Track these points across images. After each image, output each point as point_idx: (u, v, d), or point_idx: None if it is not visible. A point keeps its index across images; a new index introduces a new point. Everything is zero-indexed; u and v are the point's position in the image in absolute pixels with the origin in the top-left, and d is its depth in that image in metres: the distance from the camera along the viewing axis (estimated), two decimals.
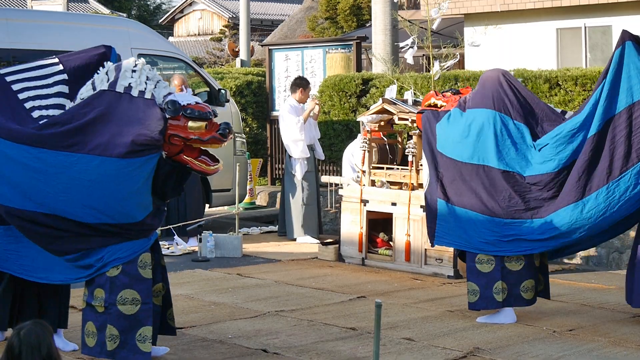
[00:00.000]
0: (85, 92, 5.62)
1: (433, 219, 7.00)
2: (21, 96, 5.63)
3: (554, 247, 6.83)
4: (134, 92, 5.52)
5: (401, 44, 10.84)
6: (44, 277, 5.66)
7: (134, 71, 5.58)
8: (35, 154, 5.39)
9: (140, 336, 5.40)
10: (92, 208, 5.39)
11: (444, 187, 6.92)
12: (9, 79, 5.70)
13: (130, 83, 5.53)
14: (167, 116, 5.46)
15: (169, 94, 5.60)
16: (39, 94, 5.67)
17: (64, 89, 5.73)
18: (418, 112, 7.44)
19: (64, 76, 5.76)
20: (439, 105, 7.22)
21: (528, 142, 6.77)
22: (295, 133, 10.65)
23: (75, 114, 5.51)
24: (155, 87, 5.57)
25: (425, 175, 7.22)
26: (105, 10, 35.31)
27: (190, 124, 5.49)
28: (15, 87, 5.66)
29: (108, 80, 5.59)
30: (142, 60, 5.70)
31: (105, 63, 5.74)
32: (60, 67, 5.80)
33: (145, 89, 5.54)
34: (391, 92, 9.25)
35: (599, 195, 6.55)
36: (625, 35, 6.74)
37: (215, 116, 5.65)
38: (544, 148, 6.74)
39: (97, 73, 5.67)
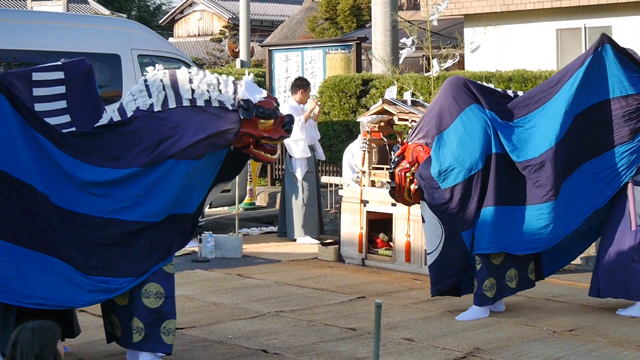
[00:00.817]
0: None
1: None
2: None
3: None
4: (200, 102, 5.59)
5: (402, 41, 10.85)
6: (64, 301, 5.44)
7: (191, 82, 5.67)
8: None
9: (165, 329, 5.52)
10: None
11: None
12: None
13: (193, 95, 5.61)
14: (242, 117, 5.57)
15: (235, 88, 5.72)
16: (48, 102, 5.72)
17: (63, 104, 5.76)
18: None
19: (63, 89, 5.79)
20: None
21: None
22: (296, 133, 10.64)
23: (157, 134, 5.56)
24: (219, 92, 5.67)
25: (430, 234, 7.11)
26: (105, 11, 35.31)
27: (261, 121, 5.62)
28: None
29: (164, 97, 5.61)
30: (194, 69, 5.80)
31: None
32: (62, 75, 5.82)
33: (210, 97, 5.63)
34: (391, 93, 9.26)
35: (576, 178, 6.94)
36: (605, 39, 7.07)
37: (278, 106, 5.79)
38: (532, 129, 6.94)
39: (132, 95, 5.70)
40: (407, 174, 7.06)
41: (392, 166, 7.14)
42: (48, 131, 5.38)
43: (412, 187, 7.09)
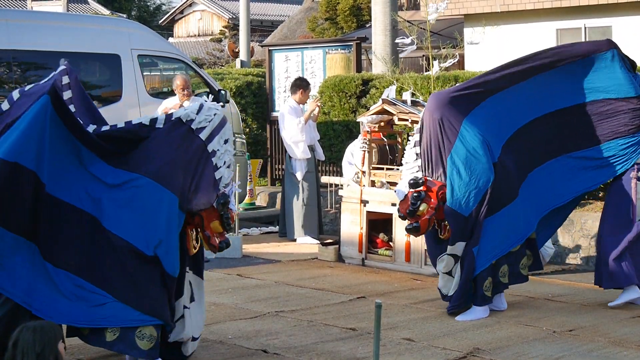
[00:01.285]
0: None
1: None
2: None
3: None
4: (216, 161, 5.70)
5: (399, 41, 10.85)
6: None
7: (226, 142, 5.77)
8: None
9: (140, 333, 5.43)
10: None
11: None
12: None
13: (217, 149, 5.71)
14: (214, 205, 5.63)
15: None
16: None
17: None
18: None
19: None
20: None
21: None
22: (297, 134, 10.65)
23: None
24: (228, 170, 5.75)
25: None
26: (105, 11, 35.31)
27: (215, 223, 5.65)
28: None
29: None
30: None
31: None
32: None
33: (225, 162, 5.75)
34: (389, 93, 9.25)
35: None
36: (612, 44, 7.45)
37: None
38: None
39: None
40: (434, 219, 7.02)
41: (413, 207, 6.92)
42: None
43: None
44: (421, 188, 6.93)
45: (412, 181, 6.94)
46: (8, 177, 5.12)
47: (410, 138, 7.55)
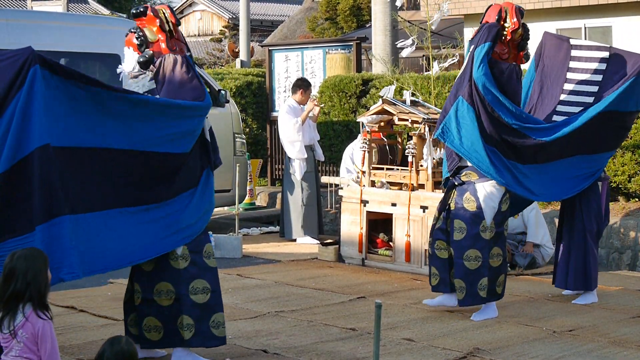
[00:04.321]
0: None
1: None
2: None
3: None
4: None
5: (399, 44, 10.85)
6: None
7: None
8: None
9: (214, 322, 5.63)
10: None
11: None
12: None
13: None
14: None
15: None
16: None
17: None
18: None
19: None
20: None
21: None
22: (292, 134, 10.65)
23: None
24: None
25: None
26: (105, 11, 35.31)
27: None
28: None
29: None
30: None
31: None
32: None
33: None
34: (388, 92, 9.25)
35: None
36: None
37: None
38: None
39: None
40: None
41: None
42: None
43: None
44: None
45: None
46: (40, 165, 4.98)
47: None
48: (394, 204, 8.96)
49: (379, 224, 9.36)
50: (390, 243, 9.13)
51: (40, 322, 4.17)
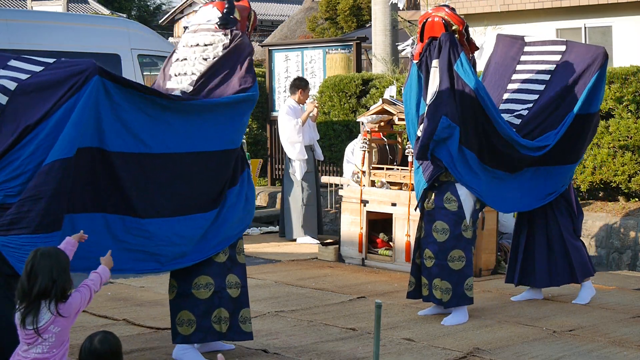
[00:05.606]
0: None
1: None
2: None
3: None
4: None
5: (400, 47, 10.84)
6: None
7: None
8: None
9: (242, 317, 5.72)
10: None
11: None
12: None
13: None
14: None
15: None
16: None
17: None
18: None
19: None
20: None
21: None
22: (293, 135, 10.65)
23: None
24: None
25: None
26: (105, 11, 35.31)
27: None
28: None
29: None
30: None
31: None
32: None
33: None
34: (390, 92, 9.25)
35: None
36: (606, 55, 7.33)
37: None
38: None
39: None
40: None
41: None
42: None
43: None
44: None
45: None
46: (84, 166, 5.11)
47: None
48: (394, 204, 8.95)
49: (379, 224, 9.36)
50: (390, 243, 9.13)
51: (72, 302, 4.20)
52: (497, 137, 6.90)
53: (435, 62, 6.80)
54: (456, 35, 6.89)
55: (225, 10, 5.77)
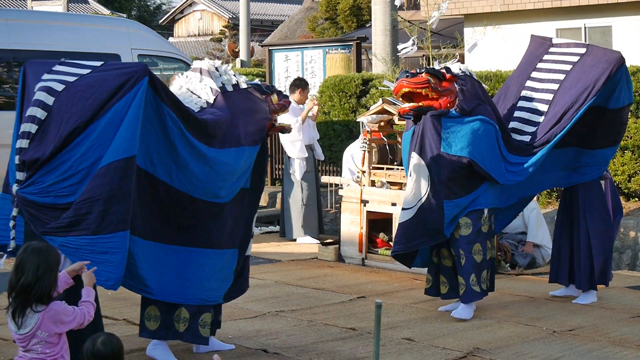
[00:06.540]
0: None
1: None
2: None
3: None
4: (229, 87, 5.86)
5: (400, 47, 10.85)
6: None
7: (217, 69, 5.90)
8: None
9: (202, 321, 5.68)
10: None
11: None
12: None
13: (222, 81, 5.85)
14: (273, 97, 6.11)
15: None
16: None
17: None
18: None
19: None
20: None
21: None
22: (293, 133, 10.64)
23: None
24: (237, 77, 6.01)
25: None
26: (106, 11, 35.34)
27: (274, 97, 6.14)
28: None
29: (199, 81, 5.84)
30: (215, 61, 6.00)
31: (179, 75, 6.12)
32: None
33: (237, 81, 5.94)
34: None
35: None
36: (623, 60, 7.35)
37: None
38: None
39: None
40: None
41: None
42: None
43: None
44: None
45: None
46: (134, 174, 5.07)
47: None
48: (394, 204, 8.95)
49: (379, 224, 9.36)
50: (390, 243, 9.12)
51: (51, 308, 4.13)
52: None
53: (413, 155, 6.98)
54: (427, 91, 6.80)
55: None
